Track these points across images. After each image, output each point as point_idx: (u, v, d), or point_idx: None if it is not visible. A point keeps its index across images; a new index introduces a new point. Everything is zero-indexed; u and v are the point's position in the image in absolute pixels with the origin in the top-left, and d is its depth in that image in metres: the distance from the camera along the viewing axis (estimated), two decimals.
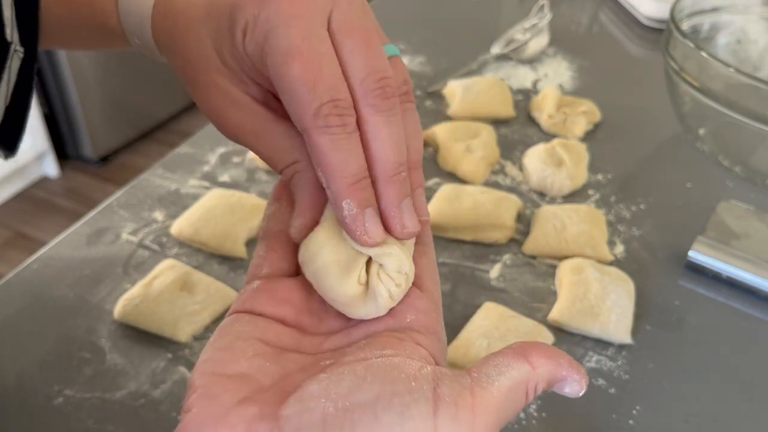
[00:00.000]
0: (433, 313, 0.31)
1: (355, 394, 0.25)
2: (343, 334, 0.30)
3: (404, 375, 0.25)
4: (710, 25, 0.80)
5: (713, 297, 0.58)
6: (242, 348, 0.28)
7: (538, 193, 0.68)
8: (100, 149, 2.19)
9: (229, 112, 0.33)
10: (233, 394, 0.26)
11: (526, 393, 0.27)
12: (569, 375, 0.27)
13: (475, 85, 0.80)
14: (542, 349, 0.27)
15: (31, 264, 0.59)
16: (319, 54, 0.29)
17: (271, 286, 0.31)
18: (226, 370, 0.27)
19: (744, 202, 0.65)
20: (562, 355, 0.28)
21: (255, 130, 0.33)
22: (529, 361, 0.27)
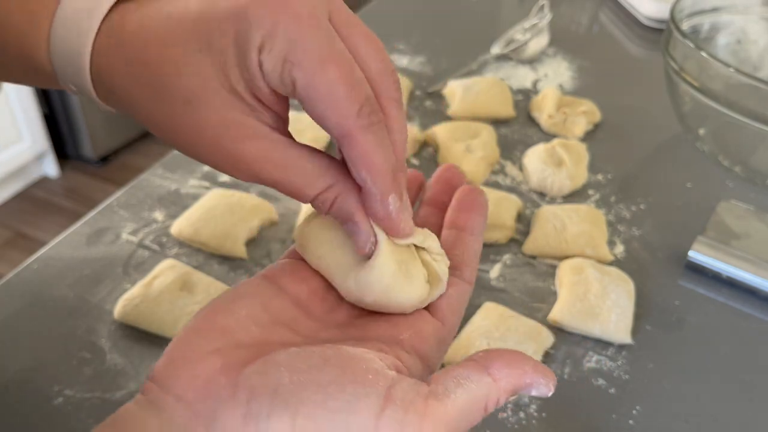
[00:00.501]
0: (431, 339, 0.31)
1: (314, 372, 0.25)
2: (341, 330, 0.31)
3: (365, 367, 0.26)
4: (710, 25, 0.80)
5: (713, 297, 0.58)
6: (240, 304, 0.29)
7: (538, 193, 0.68)
8: (100, 149, 2.19)
9: (248, 148, 0.30)
10: (208, 343, 0.27)
11: (485, 407, 0.26)
12: (534, 381, 0.27)
13: (475, 85, 0.80)
14: (505, 358, 0.27)
15: (31, 264, 0.59)
16: (346, 54, 0.29)
17: (296, 264, 0.33)
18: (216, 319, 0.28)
19: (744, 202, 0.65)
20: (526, 362, 0.27)
21: (279, 161, 0.30)
22: (491, 373, 0.26)
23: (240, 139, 0.30)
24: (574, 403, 0.49)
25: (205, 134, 0.30)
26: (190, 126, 0.30)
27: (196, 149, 0.31)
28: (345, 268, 0.31)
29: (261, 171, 0.30)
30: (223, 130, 0.29)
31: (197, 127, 0.30)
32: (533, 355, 0.51)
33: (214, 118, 0.29)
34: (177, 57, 0.29)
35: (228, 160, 0.30)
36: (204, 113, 0.29)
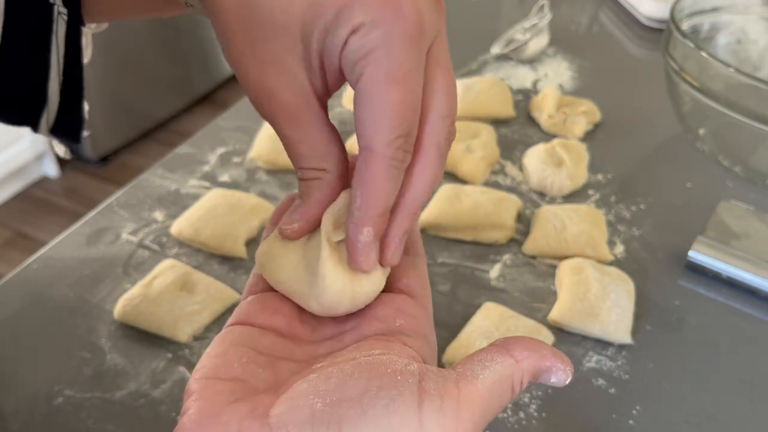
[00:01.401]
0: (422, 317, 0.32)
1: (342, 390, 0.25)
2: (336, 340, 0.31)
3: (390, 370, 0.26)
4: (710, 25, 0.80)
5: (713, 297, 0.58)
6: (236, 354, 0.29)
7: (538, 193, 0.68)
8: (100, 149, 2.19)
9: (282, 93, 0.30)
10: (227, 395, 0.26)
11: (511, 387, 0.27)
12: (553, 365, 0.28)
13: (475, 85, 0.80)
14: (525, 342, 0.28)
15: (31, 264, 0.59)
16: (417, 86, 0.29)
17: (264, 299, 0.32)
18: (221, 375, 0.28)
19: (744, 202, 0.65)
20: (544, 346, 0.28)
21: (300, 119, 0.31)
22: (513, 355, 0.27)
23: (282, 83, 0.30)
24: (574, 403, 0.49)
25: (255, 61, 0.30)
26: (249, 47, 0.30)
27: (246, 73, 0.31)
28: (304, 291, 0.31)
29: (278, 117, 0.31)
30: (272, 66, 0.30)
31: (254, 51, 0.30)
32: None
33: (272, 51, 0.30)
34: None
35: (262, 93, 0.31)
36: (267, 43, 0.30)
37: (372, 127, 0.29)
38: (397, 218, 0.31)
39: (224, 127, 0.76)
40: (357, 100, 0.29)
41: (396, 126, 0.29)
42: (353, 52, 0.29)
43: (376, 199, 0.30)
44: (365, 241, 0.30)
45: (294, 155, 0.32)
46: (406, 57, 0.29)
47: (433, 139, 0.31)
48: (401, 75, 0.28)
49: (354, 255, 0.30)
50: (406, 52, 0.28)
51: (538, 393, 0.49)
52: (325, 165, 0.31)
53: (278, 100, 0.30)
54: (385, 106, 0.28)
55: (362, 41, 0.28)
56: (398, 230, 0.31)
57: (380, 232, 0.30)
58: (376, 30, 0.28)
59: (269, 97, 0.30)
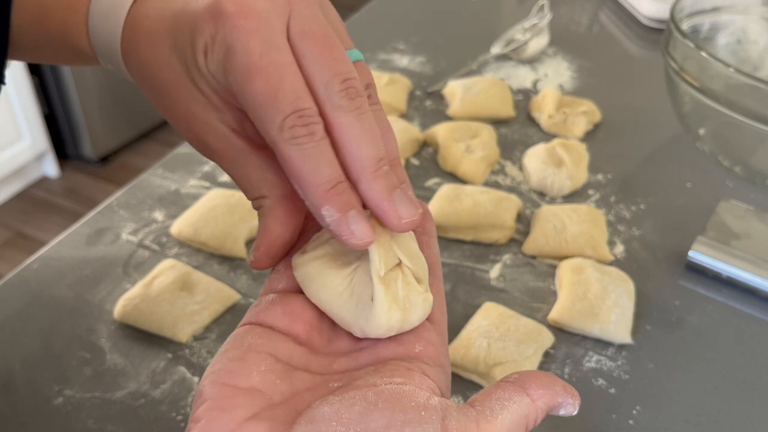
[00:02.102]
0: (440, 345, 0.31)
1: (366, 420, 0.25)
2: (351, 357, 0.30)
3: (414, 404, 0.26)
4: (710, 25, 0.80)
5: (713, 297, 0.58)
6: (255, 361, 0.28)
7: (538, 193, 0.68)
8: (100, 149, 2.19)
9: (208, 139, 0.33)
10: (245, 410, 0.26)
11: (526, 425, 0.28)
12: (564, 401, 0.29)
13: (475, 85, 0.80)
14: (540, 380, 0.29)
15: (31, 264, 0.59)
16: (280, 66, 0.29)
17: (285, 301, 0.31)
18: (238, 383, 0.27)
19: (744, 202, 0.65)
20: (557, 383, 0.29)
21: (231, 159, 0.33)
22: (529, 394, 0.28)
23: (203, 132, 0.33)
24: None
25: (178, 120, 0.33)
26: (168, 111, 0.33)
27: (177, 129, 0.34)
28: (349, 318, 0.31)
29: (217, 160, 0.33)
30: (190, 121, 0.33)
31: (171, 113, 0.33)
32: (533, 355, 0.51)
33: (181, 109, 0.33)
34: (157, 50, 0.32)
35: (196, 144, 0.34)
36: (174, 104, 0.33)
37: (260, 123, 0.29)
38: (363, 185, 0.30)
39: None
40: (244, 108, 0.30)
41: (275, 111, 0.29)
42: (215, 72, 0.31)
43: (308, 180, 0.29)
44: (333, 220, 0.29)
45: (242, 190, 0.33)
46: (250, 49, 0.29)
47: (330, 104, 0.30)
48: (253, 65, 0.29)
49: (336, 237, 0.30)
50: (247, 45, 0.29)
51: None
52: (262, 192, 0.32)
53: (209, 147, 0.33)
54: (255, 100, 0.29)
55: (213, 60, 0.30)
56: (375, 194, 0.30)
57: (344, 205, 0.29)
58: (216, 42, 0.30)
59: (204, 147, 0.33)
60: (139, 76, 0.35)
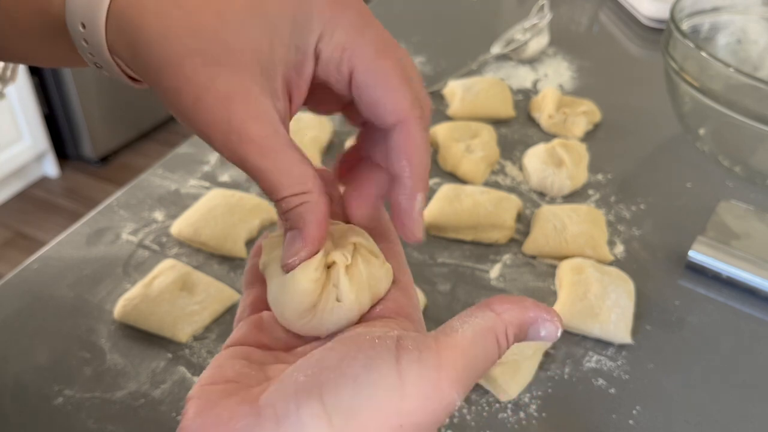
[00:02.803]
0: (401, 298, 0.32)
1: (322, 362, 0.26)
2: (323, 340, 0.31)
3: (368, 337, 0.26)
4: (710, 25, 0.80)
5: (713, 297, 0.58)
6: (230, 365, 0.29)
7: (538, 193, 0.68)
8: (100, 149, 2.19)
9: (250, 124, 0.29)
10: (222, 393, 0.27)
11: (496, 339, 0.27)
12: (537, 315, 0.28)
13: (475, 85, 0.80)
14: (506, 297, 0.28)
15: (31, 264, 0.59)
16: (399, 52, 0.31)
17: (254, 321, 0.32)
18: (216, 381, 0.28)
19: (744, 202, 0.65)
20: (525, 300, 0.28)
21: (270, 149, 0.29)
22: (493, 309, 0.27)
23: (248, 114, 0.29)
24: (574, 403, 0.49)
25: (217, 97, 0.29)
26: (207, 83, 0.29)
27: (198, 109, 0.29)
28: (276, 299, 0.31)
29: (250, 153, 0.29)
30: (237, 98, 0.29)
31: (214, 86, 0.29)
32: (533, 355, 0.51)
33: (235, 82, 0.29)
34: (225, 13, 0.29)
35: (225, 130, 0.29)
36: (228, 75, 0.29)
37: (392, 100, 0.30)
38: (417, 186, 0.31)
39: None
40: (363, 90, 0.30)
41: (408, 89, 0.30)
42: (329, 58, 0.30)
43: (424, 164, 0.30)
44: (420, 208, 0.31)
45: (272, 186, 0.30)
46: (375, 31, 0.30)
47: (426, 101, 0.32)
48: (383, 46, 0.30)
49: (412, 225, 0.31)
50: (372, 29, 0.30)
51: (538, 393, 0.49)
52: (307, 187, 0.30)
53: (248, 135, 0.29)
54: (390, 77, 0.30)
55: (332, 44, 0.30)
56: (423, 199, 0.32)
57: (426, 197, 0.31)
58: (338, 28, 0.30)
59: (239, 134, 0.29)
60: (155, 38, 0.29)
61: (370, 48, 0.30)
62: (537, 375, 0.51)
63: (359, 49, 0.30)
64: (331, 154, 0.72)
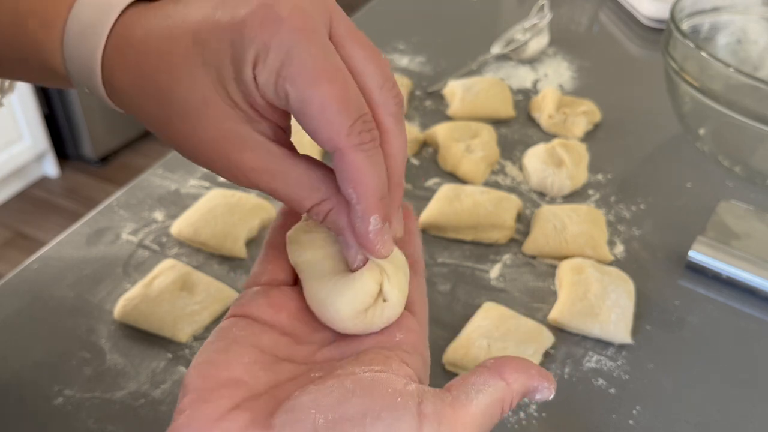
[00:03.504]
0: (420, 334, 0.32)
1: (344, 407, 0.26)
2: (334, 346, 0.31)
3: (390, 390, 0.26)
4: (710, 25, 0.80)
5: (713, 297, 0.58)
6: (238, 352, 0.29)
7: (538, 193, 0.68)
8: (100, 149, 2.19)
9: (246, 158, 0.30)
10: (227, 400, 0.26)
11: (502, 408, 0.28)
12: (540, 384, 0.29)
13: (475, 85, 0.80)
14: (515, 364, 0.29)
15: (31, 264, 0.59)
16: (341, 69, 0.29)
17: (268, 293, 0.32)
18: (220, 374, 0.27)
19: (744, 202, 0.65)
20: (532, 367, 0.29)
21: (276, 172, 0.30)
22: (504, 378, 0.28)
23: (238, 149, 0.30)
24: (574, 403, 0.49)
25: (204, 144, 0.30)
26: (190, 135, 0.30)
27: (196, 156, 0.31)
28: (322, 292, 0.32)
29: (259, 180, 0.30)
30: (222, 141, 0.30)
31: (196, 137, 0.30)
32: (533, 355, 0.51)
33: (212, 129, 0.30)
34: (175, 69, 0.29)
35: (227, 168, 0.31)
36: (202, 125, 0.30)
37: (326, 128, 0.28)
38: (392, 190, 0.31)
39: None
40: (299, 118, 0.29)
41: (345, 114, 0.28)
42: (266, 83, 0.28)
43: (371, 186, 0.29)
44: (377, 229, 0.30)
45: (292, 204, 0.31)
46: (313, 52, 0.28)
47: (385, 109, 0.30)
48: (319, 69, 0.28)
49: (370, 246, 0.30)
50: (309, 49, 0.28)
51: None
52: (322, 193, 0.31)
53: (246, 165, 0.30)
54: (323, 103, 0.28)
55: (266, 70, 0.28)
56: (397, 201, 0.32)
57: (386, 215, 0.30)
58: (271, 51, 0.28)
59: (237, 167, 0.30)
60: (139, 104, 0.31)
61: (304, 72, 0.28)
62: None
63: (292, 75, 0.28)
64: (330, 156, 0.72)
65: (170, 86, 0.30)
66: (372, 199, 0.30)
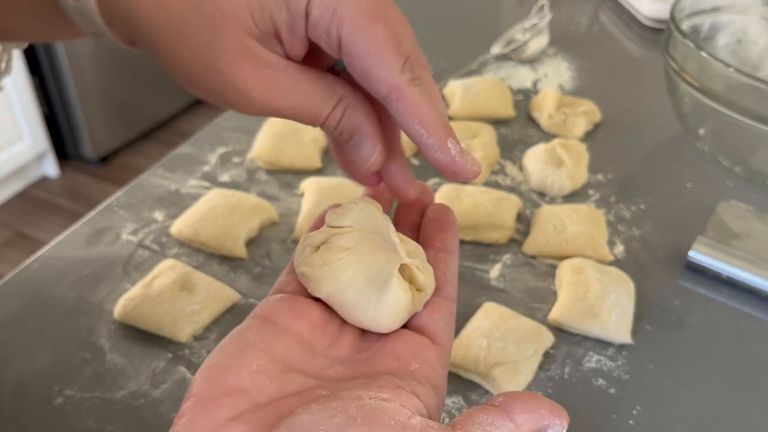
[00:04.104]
0: (437, 366, 0.31)
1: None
2: (348, 366, 0.30)
3: (393, 422, 0.25)
4: (710, 25, 0.80)
5: (713, 297, 0.58)
6: (249, 358, 0.28)
7: (538, 193, 0.68)
8: (100, 149, 2.19)
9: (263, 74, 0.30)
10: (227, 410, 0.26)
11: None
12: (551, 422, 0.28)
13: (475, 85, 0.80)
14: (524, 403, 0.27)
15: (31, 264, 0.59)
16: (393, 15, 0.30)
17: (293, 299, 0.32)
18: (227, 380, 0.27)
19: (744, 202, 0.65)
20: (543, 405, 0.28)
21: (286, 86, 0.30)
22: (513, 419, 0.27)
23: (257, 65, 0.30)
24: (574, 403, 0.49)
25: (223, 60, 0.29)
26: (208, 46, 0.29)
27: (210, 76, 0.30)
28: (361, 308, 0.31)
29: (276, 100, 0.30)
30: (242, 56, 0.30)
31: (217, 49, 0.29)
32: (533, 355, 0.51)
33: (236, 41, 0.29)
34: None
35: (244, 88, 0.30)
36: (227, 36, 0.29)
37: (381, 67, 0.29)
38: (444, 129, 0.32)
39: (224, 127, 0.76)
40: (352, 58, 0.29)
41: (399, 54, 0.29)
42: (319, 18, 0.29)
43: (432, 116, 0.30)
44: (458, 151, 0.31)
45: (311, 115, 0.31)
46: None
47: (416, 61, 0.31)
48: (374, 10, 0.29)
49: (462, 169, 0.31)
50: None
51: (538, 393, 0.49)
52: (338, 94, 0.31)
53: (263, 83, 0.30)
54: (379, 43, 0.29)
55: (323, 3, 0.29)
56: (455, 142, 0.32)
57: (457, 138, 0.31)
58: None
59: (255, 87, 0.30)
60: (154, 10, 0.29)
61: (360, 12, 0.29)
62: (537, 375, 0.51)
63: (348, 13, 0.29)
64: (331, 154, 0.72)
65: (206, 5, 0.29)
66: (440, 126, 0.30)
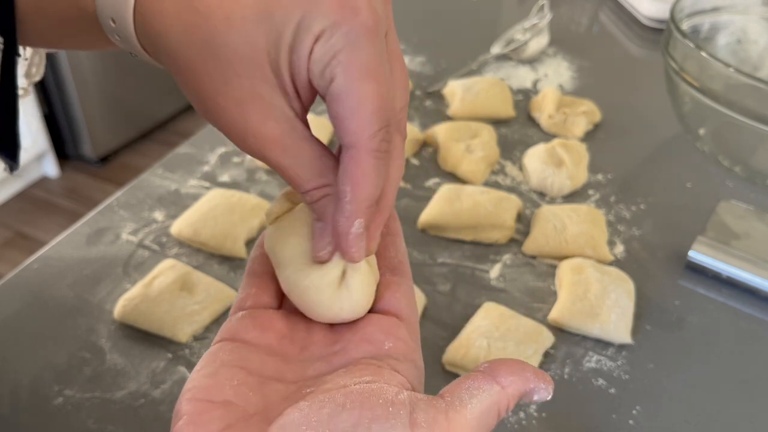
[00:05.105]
0: (410, 341, 0.32)
1: (335, 422, 0.25)
2: (325, 361, 0.31)
3: (381, 400, 0.26)
4: (710, 25, 0.80)
5: (713, 297, 0.58)
6: (227, 375, 0.29)
7: (538, 193, 0.68)
8: (100, 149, 2.19)
9: (267, 125, 0.30)
10: (218, 422, 0.26)
11: (497, 412, 0.28)
12: (536, 386, 0.29)
13: (475, 85, 0.80)
14: (509, 367, 0.29)
15: (31, 264, 0.59)
16: (387, 78, 0.30)
17: (255, 315, 0.32)
18: (212, 397, 0.27)
19: (744, 202, 0.65)
20: (527, 369, 0.29)
21: (287, 146, 0.31)
22: (498, 381, 0.28)
23: (264, 116, 0.30)
24: (574, 403, 0.49)
25: (232, 101, 0.30)
26: (220, 87, 0.30)
27: (216, 113, 0.31)
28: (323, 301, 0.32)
29: (270, 152, 0.31)
30: (251, 102, 0.30)
31: (228, 90, 0.30)
32: (533, 355, 0.51)
33: (247, 86, 0.30)
34: (234, 18, 0.29)
35: (242, 132, 0.30)
36: (240, 79, 0.30)
37: (354, 123, 0.29)
38: (380, 210, 0.32)
39: None
40: (334, 103, 0.29)
41: (377, 118, 0.29)
42: (319, 59, 0.29)
43: (367, 192, 0.30)
44: (357, 233, 0.30)
45: (295, 181, 0.31)
46: (372, 51, 0.29)
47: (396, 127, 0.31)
48: (372, 68, 0.29)
49: (347, 247, 0.31)
50: (371, 47, 0.29)
51: None
52: (328, 179, 0.31)
53: (264, 134, 0.30)
54: (363, 101, 0.29)
55: (326, 46, 0.29)
56: (380, 221, 0.32)
57: (369, 223, 0.31)
58: (338, 32, 0.29)
59: (254, 134, 0.30)
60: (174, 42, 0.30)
61: (358, 65, 0.29)
62: None
63: (346, 62, 0.29)
64: None
65: (222, 32, 0.29)
66: (364, 203, 0.30)
